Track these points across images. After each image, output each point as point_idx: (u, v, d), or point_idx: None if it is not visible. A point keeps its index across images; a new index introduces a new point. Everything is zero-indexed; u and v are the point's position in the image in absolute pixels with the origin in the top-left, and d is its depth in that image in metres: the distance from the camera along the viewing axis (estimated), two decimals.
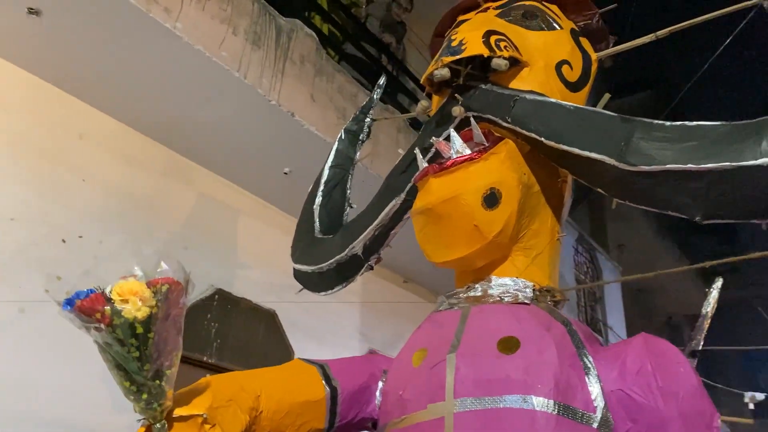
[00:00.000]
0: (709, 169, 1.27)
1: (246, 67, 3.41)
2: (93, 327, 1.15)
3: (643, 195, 1.40)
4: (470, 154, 1.58)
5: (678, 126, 1.37)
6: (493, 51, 1.64)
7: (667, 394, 1.32)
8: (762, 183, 1.23)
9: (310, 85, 3.87)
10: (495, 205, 1.53)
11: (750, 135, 1.26)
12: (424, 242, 1.64)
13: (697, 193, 1.31)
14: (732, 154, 1.25)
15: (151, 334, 1.18)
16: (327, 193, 2.36)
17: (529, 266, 1.63)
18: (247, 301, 4.27)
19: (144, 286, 1.21)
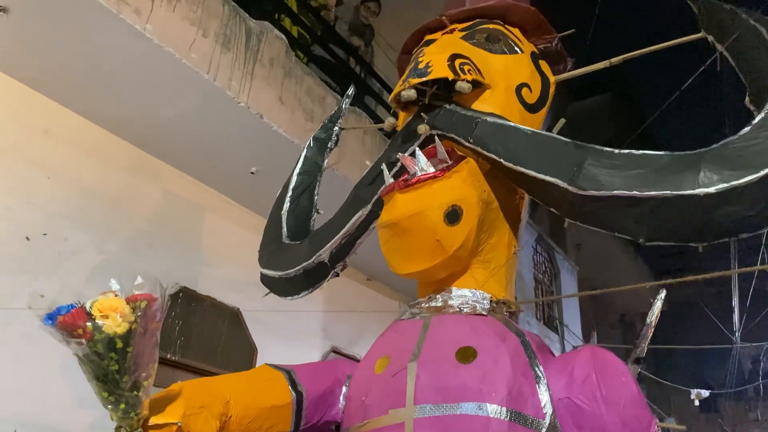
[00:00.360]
0: (652, 196, 1.38)
1: (215, 69, 3.43)
2: (74, 341, 1.20)
3: (592, 217, 1.51)
4: (434, 172, 1.67)
5: (626, 154, 1.47)
6: (458, 74, 1.73)
7: (610, 402, 1.43)
8: (698, 211, 1.35)
9: (279, 87, 3.91)
10: (456, 221, 1.62)
11: (689, 166, 1.37)
12: (389, 254, 1.72)
13: (640, 217, 1.42)
14: (672, 183, 1.36)
15: (130, 348, 1.24)
16: (295, 199, 2.42)
17: (487, 279, 1.73)
18: (211, 299, 4.30)
19: (123, 303, 1.26)
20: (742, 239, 1.41)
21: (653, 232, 1.44)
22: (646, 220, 1.42)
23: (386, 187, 1.74)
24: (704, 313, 12.74)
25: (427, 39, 2.10)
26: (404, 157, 1.79)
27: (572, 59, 2.15)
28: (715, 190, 1.32)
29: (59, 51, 3.15)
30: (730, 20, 1.69)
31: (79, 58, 3.20)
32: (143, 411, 1.32)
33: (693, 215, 1.36)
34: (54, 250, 3.43)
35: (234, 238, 4.58)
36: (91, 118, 3.71)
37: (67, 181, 3.58)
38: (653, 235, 1.45)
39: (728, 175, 1.32)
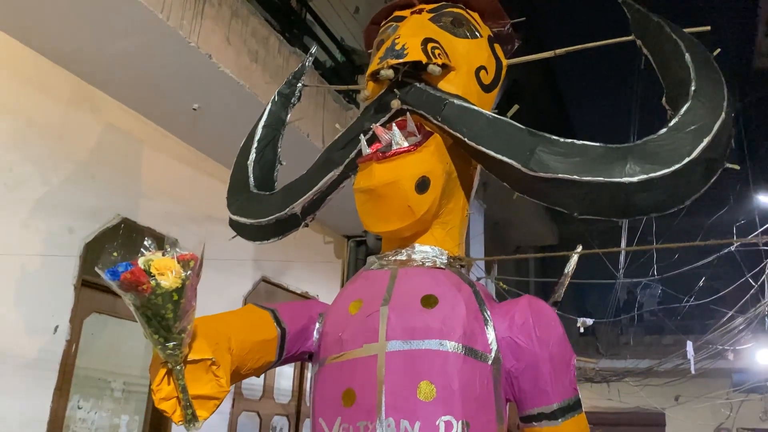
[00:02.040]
0: (588, 180, 1.70)
1: (168, 9, 3.44)
2: (132, 294, 1.40)
3: (539, 193, 1.82)
4: (408, 147, 1.91)
5: (569, 143, 1.78)
6: (430, 58, 1.96)
7: (542, 341, 1.80)
8: (623, 194, 1.69)
9: (227, 27, 3.95)
10: (425, 190, 1.89)
11: (618, 159, 1.70)
12: (365, 215, 1.97)
13: (577, 196, 1.75)
14: (605, 172, 1.69)
15: (183, 300, 1.45)
16: (260, 151, 2.59)
17: (444, 237, 2.03)
18: (150, 230, 4.40)
19: (175, 262, 1.46)
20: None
21: (586, 209, 1.78)
22: (582, 199, 1.75)
23: (364, 156, 1.97)
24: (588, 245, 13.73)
25: (396, 15, 2.29)
26: (377, 127, 2.02)
27: (519, 41, 2.43)
28: (637, 180, 1.66)
29: None
30: (657, 31, 2.00)
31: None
32: (186, 349, 1.54)
33: (619, 198, 1.70)
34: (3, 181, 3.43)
35: (172, 172, 4.66)
36: (36, 49, 3.64)
37: (11, 112, 3.54)
38: (585, 211, 1.79)
39: (648, 168, 1.66)
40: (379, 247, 7.16)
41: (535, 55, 2.28)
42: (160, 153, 4.54)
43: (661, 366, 11.88)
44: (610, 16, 2.38)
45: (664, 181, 1.66)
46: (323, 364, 1.94)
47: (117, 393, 4.24)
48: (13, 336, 3.42)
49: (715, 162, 1.71)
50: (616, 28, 2.19)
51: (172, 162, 4.63)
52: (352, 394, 1.80)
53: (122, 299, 1.50)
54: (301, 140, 4.49)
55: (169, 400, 1.58)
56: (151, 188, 4.43)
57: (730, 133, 1.75)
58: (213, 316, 1.87)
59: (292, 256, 5.90)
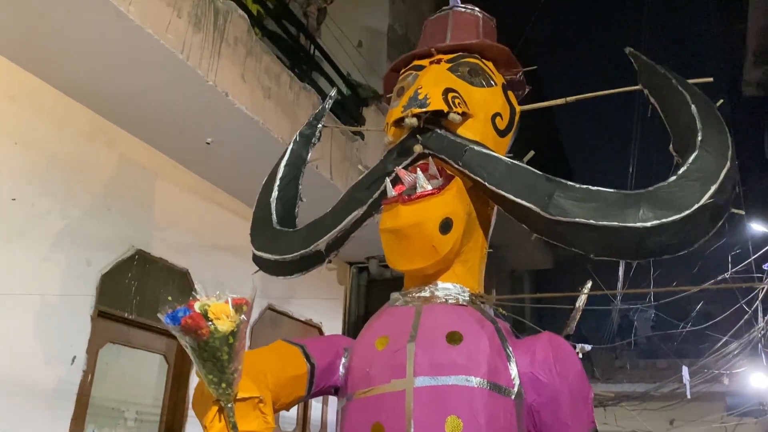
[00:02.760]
0: (603, 225, 1.81)
1: (188, 50, 3.57)
2: (191, 337, 1.48)
3: (557, 235, 1.93)
4: (431, 190, 2.02)
5: (585, 189, 1.89)
6: (450, 107, 2.07)
7: (561, 376, 1.88)
8: (636, 238, 1.80)
9: (242, 65, 4.08)
10: (448, 231, 1.99)
11: (632, 204, 1.81)
12: (391, 253, 2.07)
13: (593, 239, 1.86)
14: (620, 217, 1.80)
15: (237, 343, 1.53)
16: (282, 188, 2.68)
17: (465, 274, 2.12)
18: (163, 260, 4.48)
19: (229, 307, 1.54)
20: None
21: (601, 251, 1.89)
22: (597, 241, 1.86)
23: (390, 198, 2.07)
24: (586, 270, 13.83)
25: (416, 64, 2.41)
26: (400, 170, 2.12)
27: (529, 87, 2.56)
28: (650, 225, 1.77)
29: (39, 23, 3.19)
30: (664, 82, 2.13)
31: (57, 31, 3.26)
32: (236, 388, 1.62)
33: (633, 241, 1.81)
34: (23, 215, 3.51)
35: (185, 205, 4.76)
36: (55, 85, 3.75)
37: (33, 147, 3.63)
38: (601, 252, 1.90)
39: (660, 213, 1.77)
40: (380, 274, 7.24)
41: (547, 102, 2.40)
42: (174, 186, 4.64)
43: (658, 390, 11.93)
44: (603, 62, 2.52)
45: (674, 226, 1.77)
46: (351, 398, 2.02)
47: (130, 422, 4.28)
48: (33, 367, 3.48)
49: (721, 208, 1.82)
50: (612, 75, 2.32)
51: (184, 194, 4.73)
52: (380, 429, 1.87)
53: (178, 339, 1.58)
54: (309, 170, 4.59)
55: None
56: (165, 220, 4.52)
57: (734, 180, 1.87)
58: (250, 352, 1.94)
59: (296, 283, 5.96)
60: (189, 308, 1.53)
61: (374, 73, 6.47)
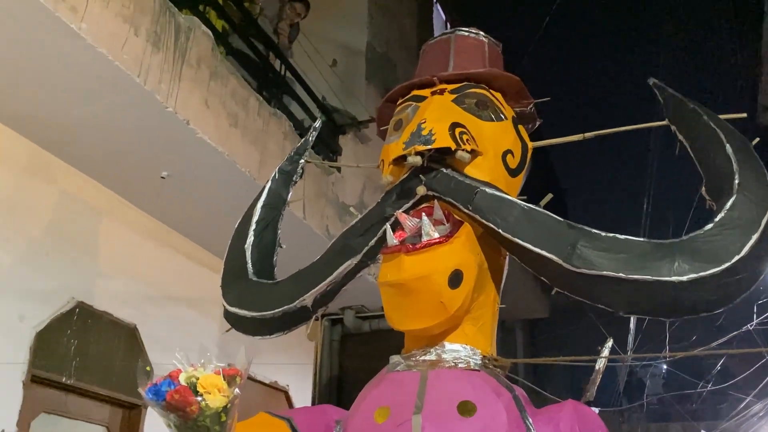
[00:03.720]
0: (634, 279, 1.86)
1: (146, 72, 3.60)
2: (178, 414, 1.47)
3: (581, 290, 1.97)
4: (439, 238, 2.05)
5: (611, 237, 1.95)
6: (458, 144, 2.12)
7: None
8: (671, 294, 1.85)
9: (205, 89, 4.12)
10: (458, 285, 2.02)
11: (666, 255, 1.87)
12: (392, 311, 2.09)
13: (622, 294, 1.90)
14: (652, 270, 1.85)
15: (229, 420, 1.53)
16: (259, 233, 2.70)
17: (475, 334, 2.15)
18: (108, 315, 4.42)
19: (221, 379, 1.54)
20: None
21: (631, 308, 1.94)
22: (627, 297, 1.91)
23: (391, 246, 2.09)
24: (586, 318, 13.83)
25: (415, 94, 2.47)
26: (401, 214, 2.16)
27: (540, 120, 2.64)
28: (687, 279, 1.82)
29: None
30: (693, 119, 2.22)
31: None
32: None
33: (667, 297, 1.86)
34: None
35: (134, 248, 4.73)
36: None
37: None
38: (630, 309, 1.95)
39: (697, 266, 1.83)
40: (357, 327, 7.23)
41: (562, 138, 2.47)
42: (123, 227, 4.62)
43: None
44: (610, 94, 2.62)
45: (714, 280, 1.82)
46: None
47: None
48: None
49: (764, 259, 1.89)
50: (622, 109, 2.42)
51: (135, 237, 4.70)
52: None
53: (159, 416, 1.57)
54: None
55: None
56: (111, 268, 4.48)
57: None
58: None
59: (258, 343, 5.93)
60: (173, 380, 1.53)
61: (351, 97, 6.56)
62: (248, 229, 2.69)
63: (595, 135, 2.43)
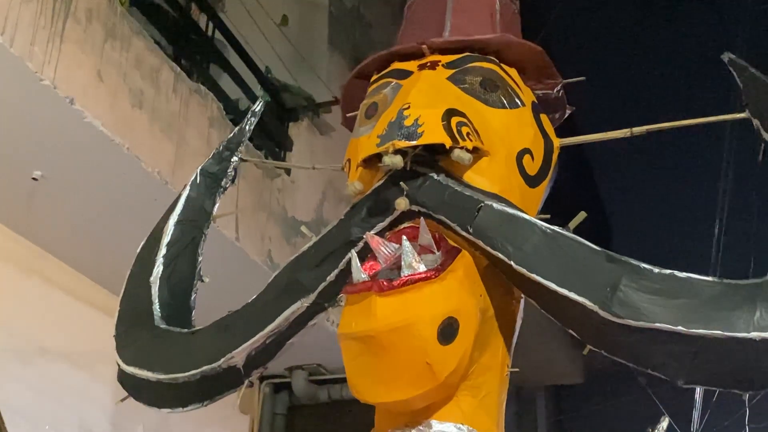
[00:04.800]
0: (700, 335, 1.87)
1: (13, 29, 3.58)
2: None
3: (623, 348, 1.98)
4: (425, 273, 2.04)
5: (667, 275, 1.96)
6: (456, 140, 2.12)
7: None
8: (752, 356, 1.87)
9: (98, 55, 4.11)
10: (452, 339, 2.01)
11: (744, 302, 1.88)
12: (356, 375, 2.07)
13: (683, 356, 1.92)
14: (724, 322, 1.86)
15: None
16: (170, 261, 2.67)
17: (476, 409, 2.14)
18: None
19: None
20: None
21: (695, 374, 1.95)
22: (689, 360, 1.92)
23: (358, 284, 2.08)
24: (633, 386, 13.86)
25: (397, 68, 2.48)
26: (372, 237, 2.15)
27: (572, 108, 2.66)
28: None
29: None
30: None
31: None
32: None
33: (744, 360, 1.88)
34: None
35: None
36: None
37: None
38: (694, 377, 1.96)
39: None
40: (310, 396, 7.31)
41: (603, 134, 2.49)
42: None
43: None
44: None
45: None
46: None
47: None
48: None
49: None
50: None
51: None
52: None
53: None
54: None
55: None
56: None
57: None
58: None
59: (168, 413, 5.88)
60: None
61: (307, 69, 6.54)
62: (156, 256, 2.67)
63: (647, 130, 2.45)
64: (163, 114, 4.52)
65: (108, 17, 4.22)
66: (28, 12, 3.68)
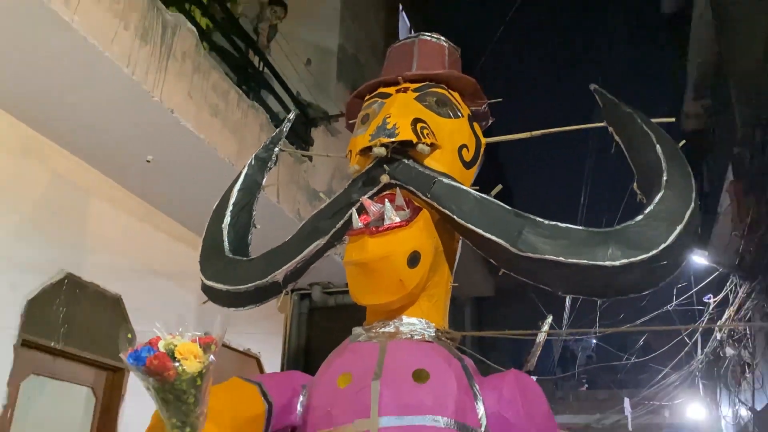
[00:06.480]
0: (573, 263, 1.86)
1: (134, 64, 3.50)
2: (156, 379, 1.43)
3: (525, 272, 1.97)
4: (399, 222, 2.03)
5: (553, 225, 1.95)
6: (419, 138, 2.11)
7: (529, 416, 1.91)
8: (605, 277, 1.86)
9: (189, 82, 4.03)
10: (416, 265, 2.00)
11: (601, 242, 1.87)
12: (355, 287, 2.06)
13: (562, 276, 1.91)
14: (589, 255, 1.86)
15: (203, 385, 1.49)
16: (235, 214, 2.64)
17: (430, 309, 2.14)
18: (95, 285, 4.32)
19: (197, 347, 1.50)
20: None
21: (569, 289, 1.96)
22: (566, 279, 1.91)
23: (356, 229, 2.06)
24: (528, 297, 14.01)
25: (381, 91, 2.43)
26: (366, 200, 2.13)
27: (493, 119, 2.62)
28: (619, 264, 1.83)
29: None
30: (629, 121, 2.23)
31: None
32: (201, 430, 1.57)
33: (601, 280, 1.87)
34: None
35: (121, 226, 4.62)
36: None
37: None
38: (569, 290, 1.97)
39: (628, 253, 1.84)
40: (323, 301, 7.15)
41: (512, 135, 2.47)
42: (109, 206, 4.51)
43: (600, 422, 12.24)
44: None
45: (642, 265, 1.84)
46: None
47: None
48: None
49: (686, 247, 1.91)
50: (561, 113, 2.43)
51: (120, 215, 4.59)
52: None
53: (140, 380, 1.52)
54: None
55: None
56: (98, 243, 4.37)
57: (698, 221, 1.96)
58: None
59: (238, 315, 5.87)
60: (153, 347, 1.48)
61: (323, 93, 6.49)
62: (225, 211, 2.63)
63: (542, 134, 2.43)
64: (230, 121, 4.46)
65: (195, 57, 4.14)
66: (144, 53, 3.61)
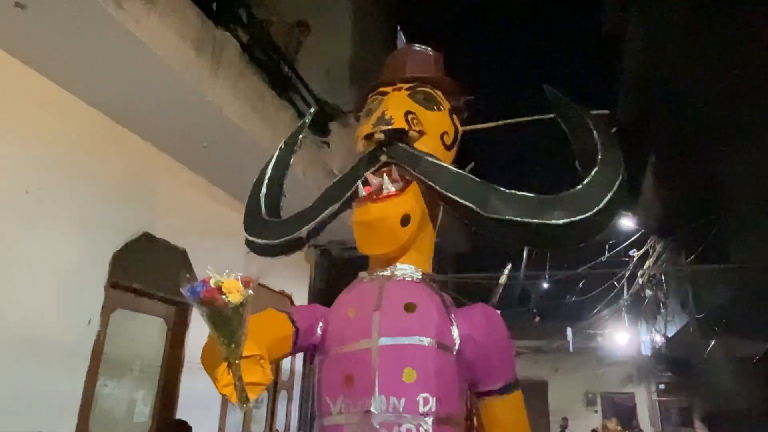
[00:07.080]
0: (528, 222, 1.85)
1: (191, 71, 3.44)
2: (208, 308, 1.44)
3: (491, 229, 1.95)
4: (395, 192, 2.01)
5: (512, 193, 1.93)
6: (410, 126, 2.08)
7: (492, 337, 1.93)
8: (552, 232, 1.85)
9: (234, 86, 3.97)
10: (407, 224, 2.00)
11: (549, 206, 1.86)
12: (361, 241, 2.06)
13: (519, 232, 1.90)
14: (540, 215, 1.85)
15: (244, 313, 1.50)
16: (270, 187, 2.61)
17: (418, 258, 2.13)
18: (165, 242, 4.33)
19: (239, 283, 1.50)
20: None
21: (524, 241, 1.96)
22: (523, 234, 1.90)
23: (362, 197, 2.05)
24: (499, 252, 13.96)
25: (381, 90, 2.39)
26: (369, 174, 2.11)
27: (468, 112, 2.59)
28: (563, 222, 1.82)
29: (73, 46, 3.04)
30: (572, 113, 2.19)
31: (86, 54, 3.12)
32: (243, 349, 1.58)
33: (550, 235, 1.86)
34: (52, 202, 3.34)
35: (184, 196, 4.62)
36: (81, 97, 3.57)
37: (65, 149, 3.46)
38: (525, 243, 1.97)
39: (570, 214, 1.83)
40: (340, 255, 7.08)
41: (482, 124, 2.43)
42: (175, 181, 4.49)
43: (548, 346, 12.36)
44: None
45: (581, 223, 1.83)
46: (327, 354, 2.00)
47: (135, 373, 4.13)
48: (56, 328, 3.32)
49: (615, 210, 1.90)
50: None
51: (184, 188, 4.58)
52: (351, 378, 1.87)
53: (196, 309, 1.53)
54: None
55: (228, 387, 1.61)
56: (168, 209, 4.37)
57: (624, 189, 1.94)
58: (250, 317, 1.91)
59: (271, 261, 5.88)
60: (205, 284, 1.49)
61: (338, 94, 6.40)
62: (262, 183, 2.61)
63: (505, 123, 2.40)
64: (266, 116, 4.41)
65: (239, 66, 4.07)
66: (198, 62, 3.55)
